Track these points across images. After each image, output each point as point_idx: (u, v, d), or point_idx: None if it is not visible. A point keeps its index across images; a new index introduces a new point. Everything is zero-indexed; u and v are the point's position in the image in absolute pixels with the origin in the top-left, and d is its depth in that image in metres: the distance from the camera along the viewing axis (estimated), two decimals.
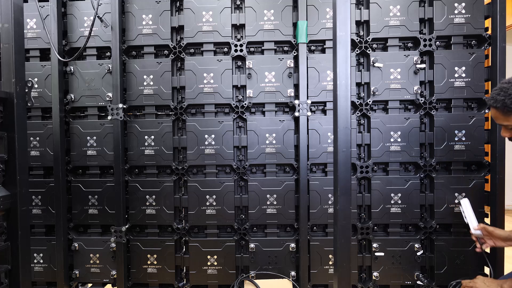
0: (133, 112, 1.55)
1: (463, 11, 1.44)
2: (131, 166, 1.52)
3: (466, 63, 1.44)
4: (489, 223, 1.44)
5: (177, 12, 1.53)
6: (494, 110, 1.06)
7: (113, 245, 1.50)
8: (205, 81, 1.50)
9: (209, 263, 1.51)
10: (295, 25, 1.49)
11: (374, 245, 1.46)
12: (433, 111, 1.45)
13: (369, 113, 1.46)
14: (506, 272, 1.31)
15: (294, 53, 1.49)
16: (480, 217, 1.44)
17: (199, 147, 1.50)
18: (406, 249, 1.46)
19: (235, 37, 1.52)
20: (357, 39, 1.47)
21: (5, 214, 0.95)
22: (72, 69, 1.52)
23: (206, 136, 1.50)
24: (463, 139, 1.44)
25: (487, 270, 1.41)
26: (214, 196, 1.50)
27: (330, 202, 1.48)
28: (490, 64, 1.44)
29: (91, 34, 1.39)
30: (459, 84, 1.44)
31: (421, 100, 1.45)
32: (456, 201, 1.43)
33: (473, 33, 1.44)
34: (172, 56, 1.50)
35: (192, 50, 1.53)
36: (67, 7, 1.52)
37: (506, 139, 1.17)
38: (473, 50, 1.44)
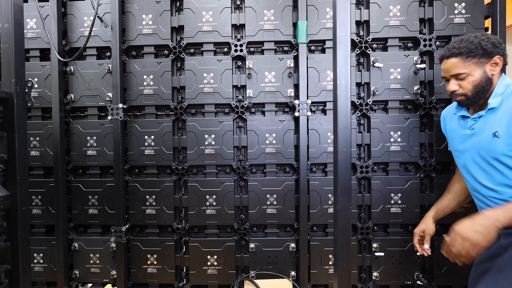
0: (133, 112, 1.55)
1: (463, 11, 1.44)
2: (131, 166, 1.52)
3: None
4: None
5: (177, 12, 1.53)
6: (453, 59, 1.07)
7: (113, 245, 1.50)
8: (205, 81, 1.50)
9: (209, 263, 1.51)
10: (295, 25, 1.49)
11: (374, 245, 1.46)
12: (433, 111, 1.45)
13: (369, 113, 1.46)
14: None
15: (294, 53, 1.49)
16: None
17: (199, 147, 1.50)
18: (406, 249, 1.46)
19: (235, 37, 1.52)
20: (357, 39, 1.47)
21: (5, 214, 0.95)
22: (72, 69, 1.52)
23: (206, 136, 1.50)
24: None
25: None
26: (214, 196, 1.50)
27: (330, 202, 1.48)
28: None
29: (91, 34, 1.39)
30: None
31: (421, 100, 1.45)
32: None
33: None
34: (172, 56, 1.50)
35: (192, 50, 1.53)
36: (67, 7, 1.52)
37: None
38: None
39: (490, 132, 1.02)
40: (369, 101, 1.46)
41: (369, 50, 1.46)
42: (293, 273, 1.49)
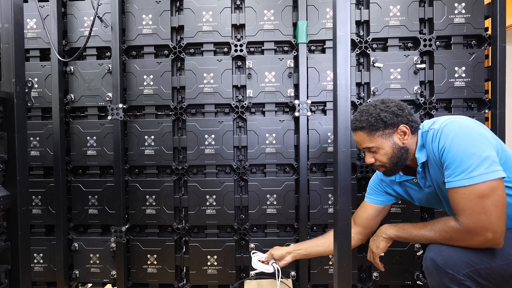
0: (133, 112, 1.55)
1: (463, 11, 1.44)
2: (131, 166, 1.52)
3: (466, 63, 1.44)
4: None
5: (177, 12, 1.53)
6: (360, 133, 1.04)
7: (113, 245, 1.50)
8: (205, 81, 1.50)
9: (209, 263, 1.51)
10: (295, 25, 1.49)
11: None
12: (433, 111, 1.45)
13: None
14: None
15: (294, 53, 1.49)
16: None
17: (199, 147, 1.50)
18: (406, 249, 1.46)
19: (235, 37, 1.52)
20: (357, 39, 1.47)
21: (5, 214, 0.95)
22: (72, 69, 1.52)
23: (206, 136, 1.50)
24: None
25: None
26: (214, 196, 1.50)
27: (330, 202, 1.48)
28: (490, 64, 1.44)
29: (91, 34, 1.39)
30: (459, 84, 1.44)
31: (421, 100, 1.45)
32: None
33: (473, 33, 1.44)
34: (172, 56, 1.50)
35: (192, 50, 1.53)
36: (67, 7, 1.52)
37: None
38: (473, 50, 1.44)
39: (441, 182, 0.98)
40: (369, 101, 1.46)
41: (369, 50, 1.46)
42: (293, 273, 1.49)
